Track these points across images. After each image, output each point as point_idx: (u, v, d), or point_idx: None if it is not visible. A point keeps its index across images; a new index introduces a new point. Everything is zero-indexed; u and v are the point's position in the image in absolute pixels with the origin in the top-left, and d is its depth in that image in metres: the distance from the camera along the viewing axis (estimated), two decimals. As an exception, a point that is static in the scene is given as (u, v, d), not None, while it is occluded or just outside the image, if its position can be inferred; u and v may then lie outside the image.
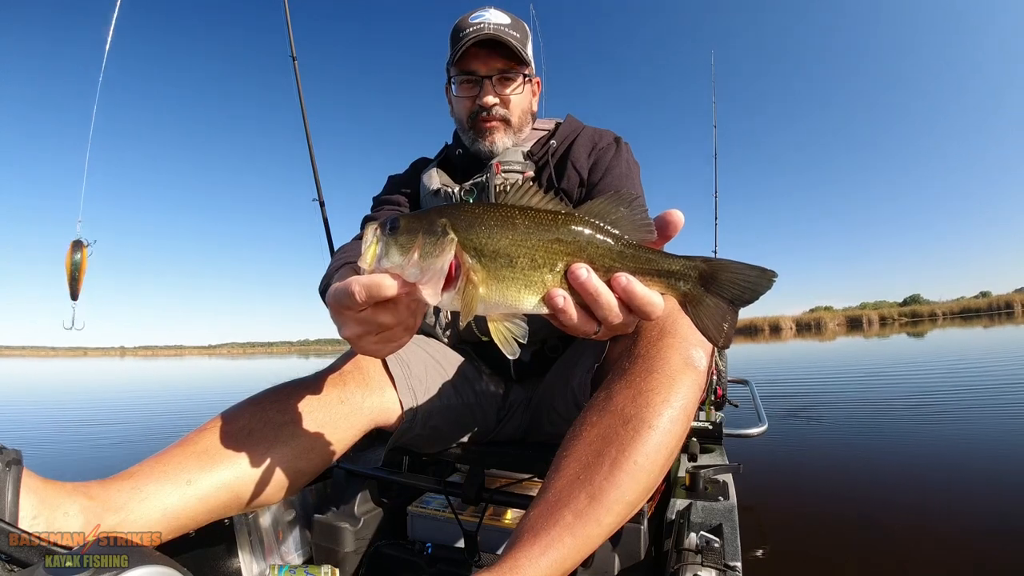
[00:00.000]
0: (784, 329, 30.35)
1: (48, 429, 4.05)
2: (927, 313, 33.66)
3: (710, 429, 1.42)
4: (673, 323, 0.67)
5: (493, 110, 0.95)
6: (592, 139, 1.00)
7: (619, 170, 0.95)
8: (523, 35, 0.97)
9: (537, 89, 1.07)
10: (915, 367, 5.67)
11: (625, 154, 0.99)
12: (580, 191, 0.95)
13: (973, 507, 1.54)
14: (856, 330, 23.90)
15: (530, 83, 1.01)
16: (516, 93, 0.97)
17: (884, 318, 33.22)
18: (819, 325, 31.30)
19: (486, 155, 0.98)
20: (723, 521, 0.82)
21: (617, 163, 0.96)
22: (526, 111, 1.01)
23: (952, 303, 35.61)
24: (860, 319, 32.76)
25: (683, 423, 0.61)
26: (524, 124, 1.01)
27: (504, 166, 0.95)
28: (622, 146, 1.00)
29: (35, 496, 0.54)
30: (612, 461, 0.57)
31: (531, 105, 1.04)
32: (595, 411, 0.63)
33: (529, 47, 0.99)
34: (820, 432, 2.69)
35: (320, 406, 0.74)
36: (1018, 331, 11.33)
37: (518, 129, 0.99)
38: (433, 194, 0.98)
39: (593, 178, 0.95)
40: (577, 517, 0.55)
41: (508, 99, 0.96)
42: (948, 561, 1.22)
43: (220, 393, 7.11)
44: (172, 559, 0.43)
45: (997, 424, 2.59)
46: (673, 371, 0.62)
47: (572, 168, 0.95)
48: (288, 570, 0.78)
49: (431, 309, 0.98)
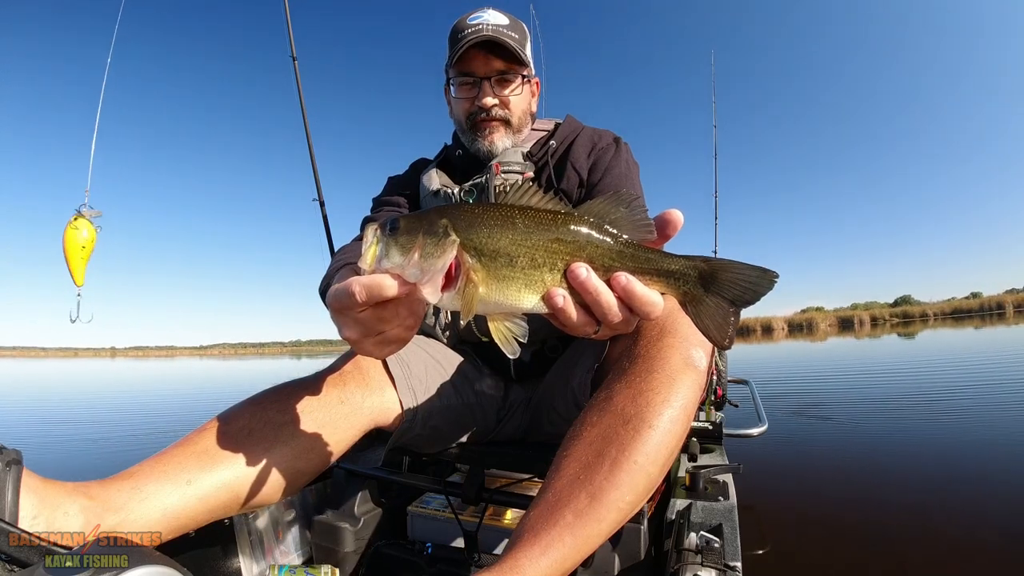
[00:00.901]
0: (776, 329, 30.34)
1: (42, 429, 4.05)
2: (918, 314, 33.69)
3: (710, 429, 1.42)
4: (673, 323, 0.67)
5: (492, 111, 0.95)
6: (591, 139, 1.00)
7: (619, 170, 0.95)
8: (521, 36, 0.97)
9: (536, 90, 1.06)
10: (914, 366, 5.68)
11: (624, 154, 0.99)
12: (580, 191, 0.96)
13: (974, 506, 1.54)
14: (848, 331, 23.87)
15: (529, 84, 1.01)
16: (515, 94, 0.97)
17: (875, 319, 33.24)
18: (811, 326, 31.23)
19: (485, 156, 0.98)
20: (723, 521, 0.82)
21: (616, 163, 0.96)
22: (525, 112, 1.01)
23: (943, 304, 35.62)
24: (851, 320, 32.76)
25: (683, 423, 0.61)
26: (523, 125, 1.01)
27: (504, 167, 0.95)
28: (622, 146, 1.00)
29: (35, 496, 0.54)
30: (612, 461, 0.57)
31: (530, 105, 1.04)
32: (595, 411, 0.63)
33: (528, 48, 0.99)
34: (820, 432, 2.69)
35: (320, 406, 0.74)
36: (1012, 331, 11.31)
37: (517, 130, 0.99)
38: (433, 195, 0.98)
39: (593, 178, 0.95)
40: (578, 517, 0.55)
41: (507, 100, 0.97)
42: (949, 561, 1.22)
43: (214, 395, 7.11)
44: (172, 559, 0.43)
45: (997, 423, 2.59)
46: (673, 371, 0.62)
47: (572, 168, 0.96)
48: (288, 570, 0.78)
49: (431, 309, 0.98)
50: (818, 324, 31.45)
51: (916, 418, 2.87)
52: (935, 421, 2.76)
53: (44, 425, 4.28)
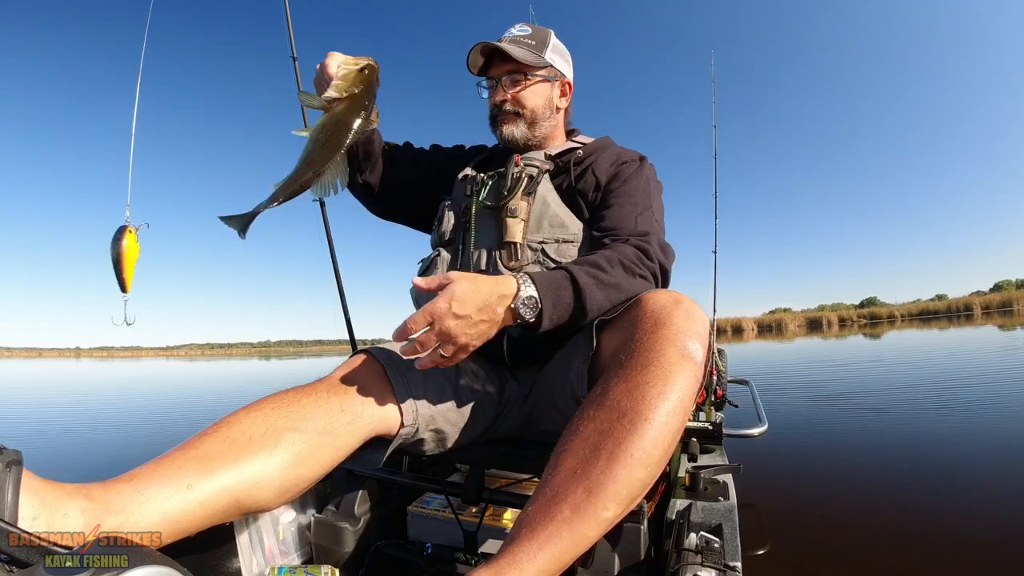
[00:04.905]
0: (746, 330, 30.09)
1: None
2: (886, 315, 33.44)
3: (710, 429, 1.42)
4: (668, 315, 0.68)
5: (504, 106, 1.05)
6: (618, 154, 1.06)
7: (636, 182, 1.00)
8: (540, 41, 1.07)
9: (566, 90, 1.13)
10: (912, 365, 5.67)
11: (647, 171, 1.04)
12: (596, 195, 1.00)
13: (975, 506, 1.54)
14: (816, 331, 23.75)
15: (549, 83, 1.08)
16: (526, 90, 1.06)
17: (843, 320, 32.90)
18: (780, 326, 30.97)
19: (503, 144, 1.09)
20: (723, 521, 0.82)
21: (637, 176, 1.01)
22: (540, 106, 1.07)
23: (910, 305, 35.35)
24: (820, 320, 32.42)
25: (680, 416, 0.61)
26: (539, 118, 1.07)
27: (524, 160, 1.03)
28: (646, 164, 1.06)
29: (35, 497, 0.54)
30: (609, 455, 0.57)
31: (552, 101, 1.10)
32: (592, 406, 0.64)
33: (547, 50, 1.07)
34: (820, 432, 2.69)
35: (320, 413, 0.74)
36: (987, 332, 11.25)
37: (531, 121, 1.06)
38: (461, 180, 1.07)
39: (611, 185, 0.99)
40: (575, 511, 0.55)
41: (517, 96, 1.05)
42: (950, 560, 1.22)
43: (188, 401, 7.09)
44: (172, 559, 0.43)
45: (998, 423, 2.59)
46: (669, 363, 0.63)
47: (592, 174, 1.01)
48: (288, 570, 0.78)
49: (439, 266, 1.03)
50: (787, 325, 31.15)
51: (917, 417, 2.86)
52: (937, 420, 2.76)
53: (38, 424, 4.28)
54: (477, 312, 0.69)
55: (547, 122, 1.09)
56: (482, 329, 0.71)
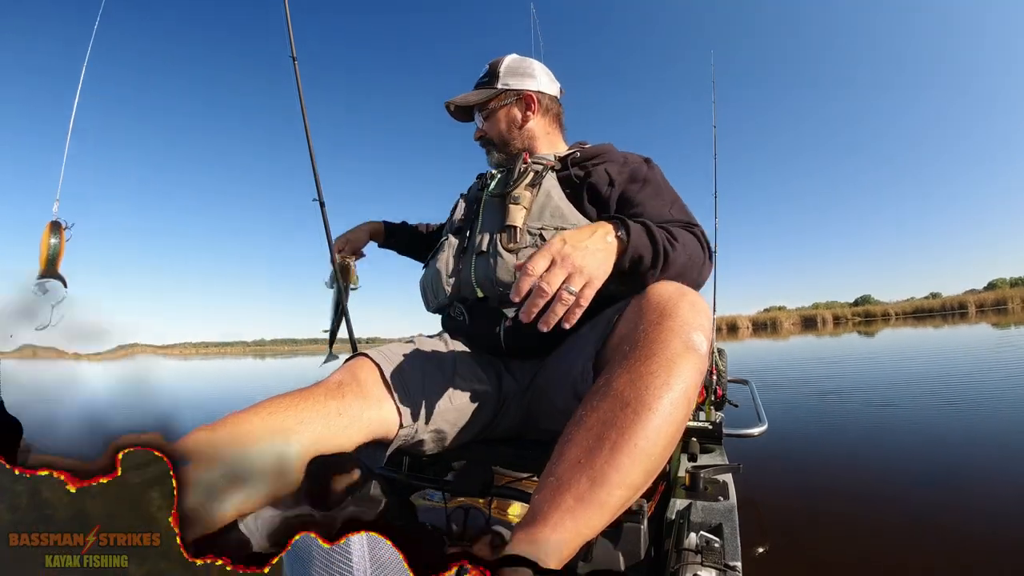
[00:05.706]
0: (741, 328, 29.86)
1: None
2: (880, 313, 33.10)
3: (710, 429, 1.42)
4: (673, 306, 0.68)
5: (481, 140, 1.20)
6: (626, 157, 1.09)
7: (656, 180, 1.04)
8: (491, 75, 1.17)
9: (533, 101, 1.16)
10: (910, 364, 5.67)
11: (659, 171, 1.08)
12: (609, 190, 1.01)
13: (976, 505, 1.54)
14: (811, 329, 23.58)
15: (507, 106, 1.16)
16: (488, 121, 1.17)
17: (838, 317, 32.57)
18: (775, 324, 30.67)
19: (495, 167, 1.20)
20: (723, 521, 0.82)
21: (654, 175, 1.05)
22: (505, 129, 1.16)
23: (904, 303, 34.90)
24: (815, 318, 32.21)
25: (684, 406, 0.61)
26: (509, 138, 1.17)
27: (533, 159, 1.11)
28: (654, 164, 1.09)
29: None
30: (612, 444, 0.58)
31: (516, 120, 1.16)
32: (596, 396, 0.64)
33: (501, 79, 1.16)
34: (821, 432, 2.69)
35: (318, 417, 0.74)
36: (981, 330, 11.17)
37: (501, 144, 1.17)
38: (478, 178, 1.22)
39: (630, 186, 1.01)
40: (578, 501, 0.55)
41: (484, 129, 1.18)
42: (950, 560, 1.22)
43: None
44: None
45: (998, 421, 2.58)
46: (673, 355, 0.63)
47: (604, 172, 1.03)
48: (288, 570, 0.78)
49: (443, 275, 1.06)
50: (782, 323, 30.92)
51: (917, 417, 2.86)
52: (937, 420, 2.76)
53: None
54: (591, 241, 0.71)
55: (517, 139, 1.17)
56: (600, 258, 0.71)
